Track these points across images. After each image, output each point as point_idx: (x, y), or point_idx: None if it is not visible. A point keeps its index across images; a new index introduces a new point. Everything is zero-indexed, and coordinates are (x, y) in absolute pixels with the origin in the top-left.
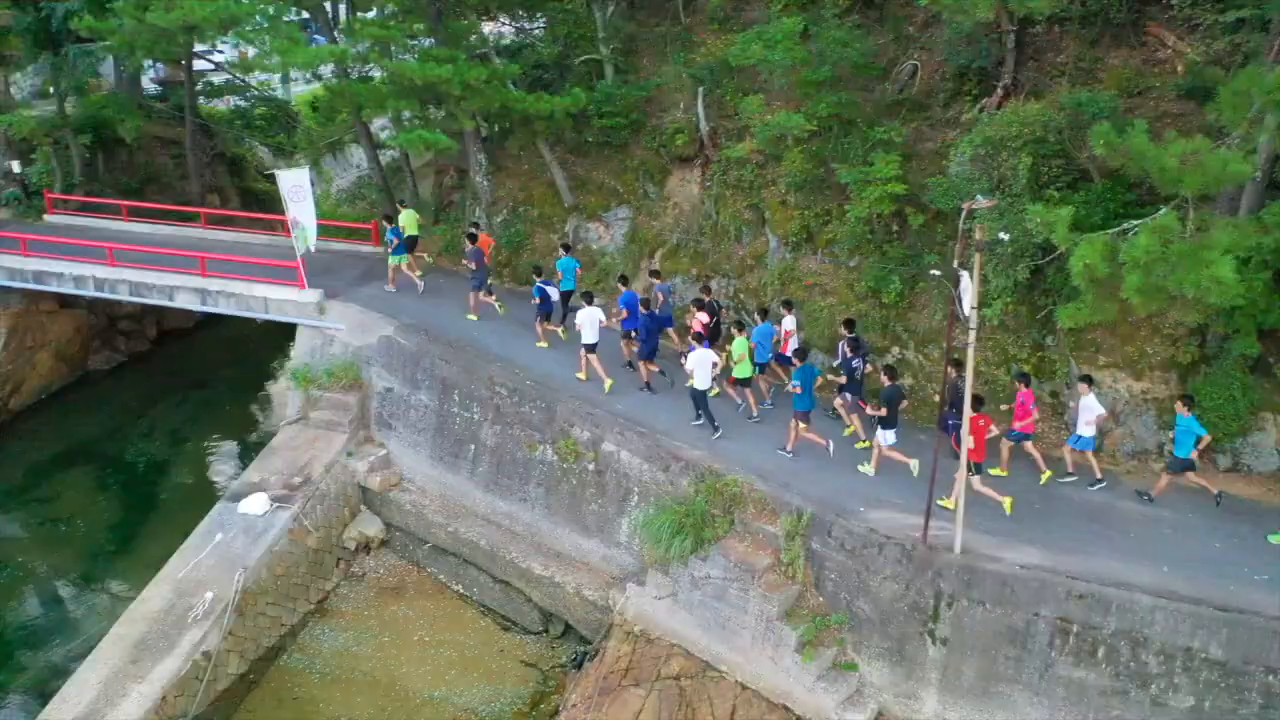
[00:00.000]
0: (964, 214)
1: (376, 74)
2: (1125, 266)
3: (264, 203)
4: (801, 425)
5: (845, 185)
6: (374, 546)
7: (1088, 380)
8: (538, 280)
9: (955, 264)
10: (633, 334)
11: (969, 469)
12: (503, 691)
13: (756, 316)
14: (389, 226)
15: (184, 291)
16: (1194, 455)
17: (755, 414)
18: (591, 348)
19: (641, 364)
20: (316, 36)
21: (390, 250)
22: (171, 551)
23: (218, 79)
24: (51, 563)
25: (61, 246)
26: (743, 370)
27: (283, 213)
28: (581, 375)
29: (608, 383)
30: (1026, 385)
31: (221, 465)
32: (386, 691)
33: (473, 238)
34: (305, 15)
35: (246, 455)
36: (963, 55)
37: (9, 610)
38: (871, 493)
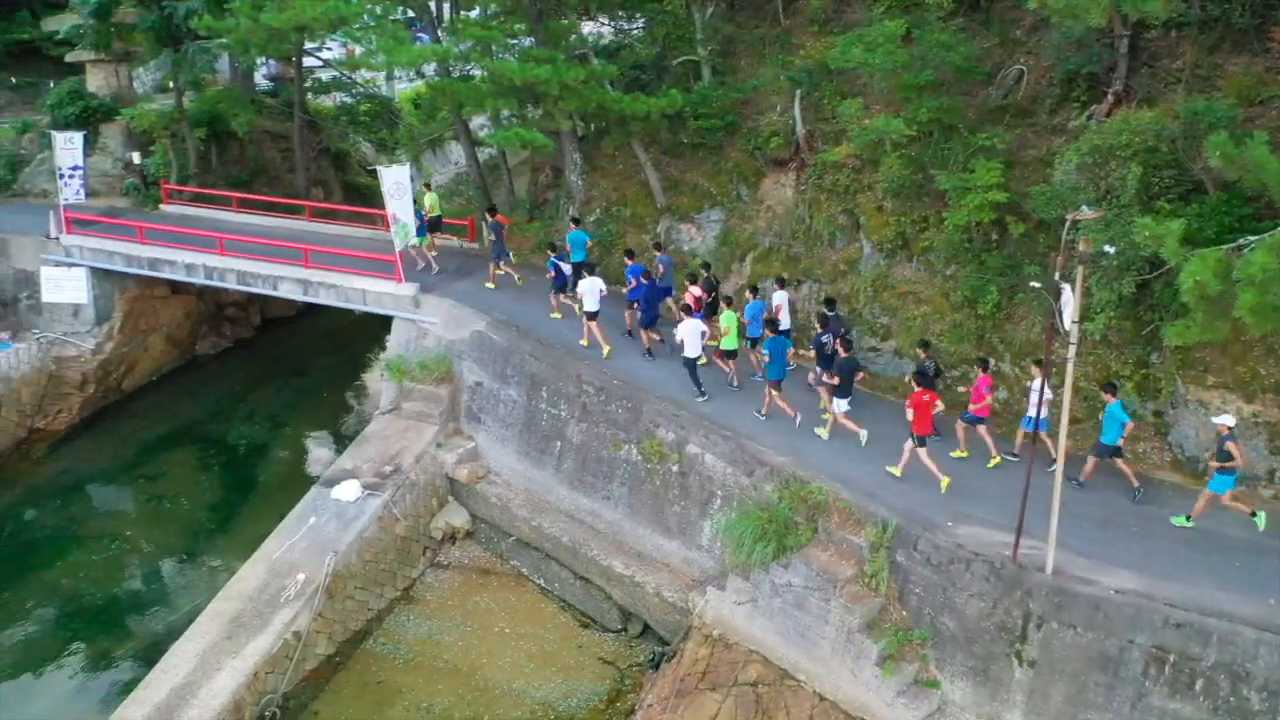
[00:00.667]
0: (1068, 225)
1: (477, 73)
2: (1239, 284)
3: (365, 196)
4: (774, 393)
5: (944, 192)
6: (459, 537)
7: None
8: (551, 255)
9: (1056, 276)
10: (635, 303)
11: (912, 440)
12: (580, 687)
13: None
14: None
15: (287, 282)
16: (1121, 442)
17: (736, 384)
18: (593, 315)
19: (642, 331)
20: (421, 35)
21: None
22: (267, 532)
23: (326, 75)
24: (156, 538)
25: (175, 235)
26: (729, 342)
27: (383, 207)
28: (584, 341)
29: (606, 349)
30: (985, 370)
31: (317, 451)
32: (466, 680)
33: (492, 211)
34: (410, 14)
35: (341, 442)
36: (1072, 60)
37: (118, 581)
38: (959, 508)
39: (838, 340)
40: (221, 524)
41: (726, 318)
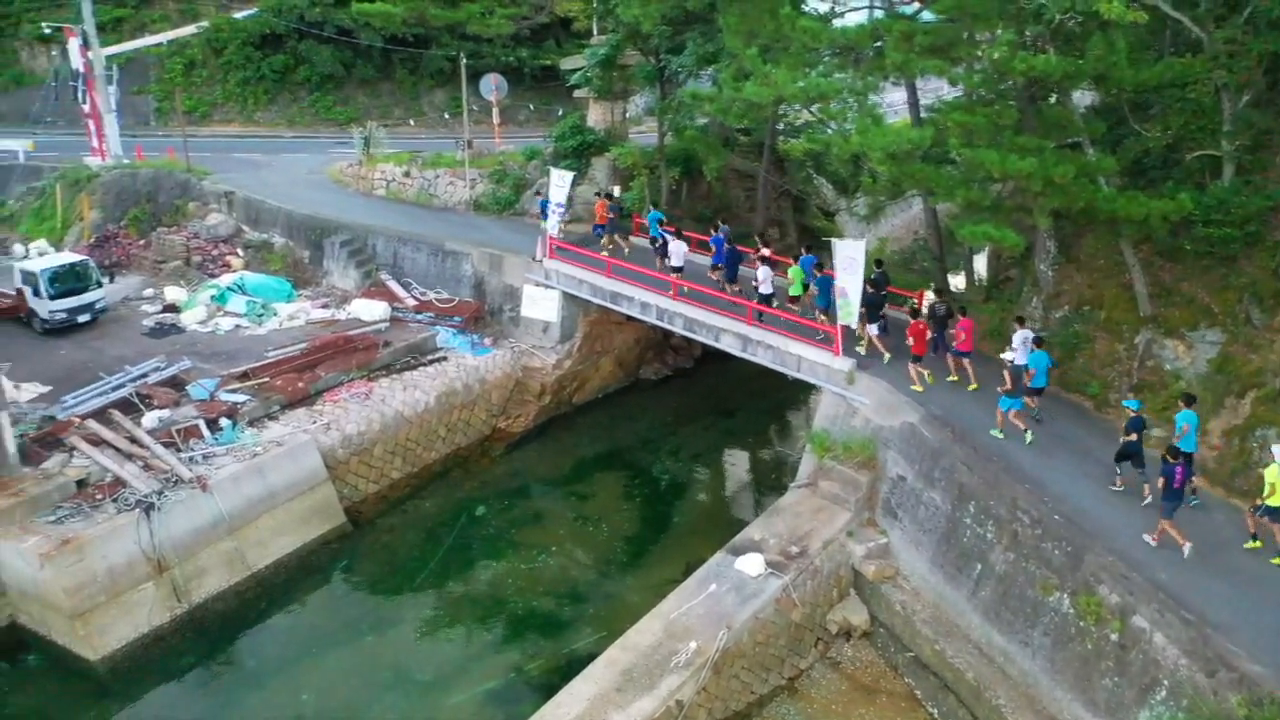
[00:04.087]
0: None
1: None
2: None
3: (819, 240)
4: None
5: None
6: (855, 636)
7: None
8: (714, 232)
9: None
10: (719, 266)
11: (911, 360)
12: None
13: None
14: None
15: (729, 335)
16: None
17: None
18: (679, 270)
19: (728, 285)
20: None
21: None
22: (672, 578)
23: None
24: (577, 559)
25: (635, 274)
26: (795, 289)
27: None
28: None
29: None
30: (964, 315)
31: (730, 505)
32: None
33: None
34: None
35: (754, 501)
36: None
37: (538, 595)
38: None
39: (868, 281)
40: (633, 558)
41: (793, 270)
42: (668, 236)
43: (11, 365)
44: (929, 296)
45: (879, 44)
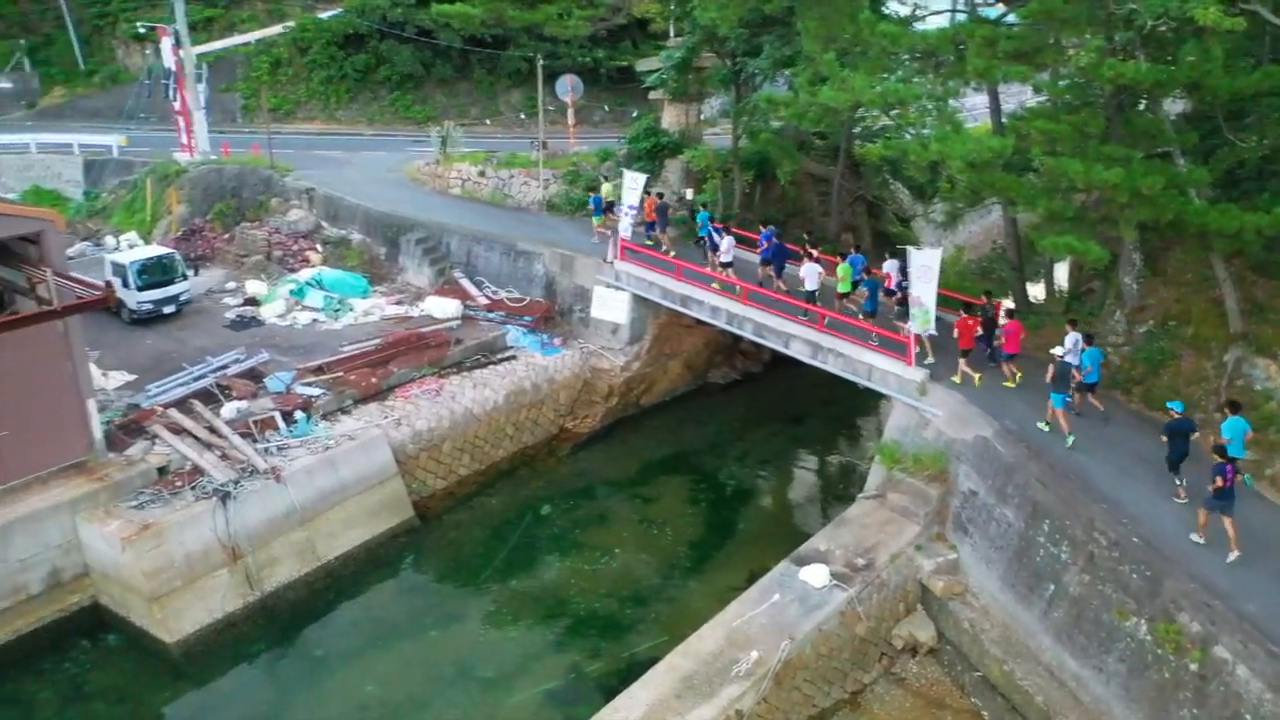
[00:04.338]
0: None
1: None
2: None
3: (894, 246)
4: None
5: None
6: (921, 652)
7: None
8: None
9: None
10: (768, 261)
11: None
12: None
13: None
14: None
15: (798, 342)
16: None
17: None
18: (729, 266)
19: (777, 280)
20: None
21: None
22: (734, 585)
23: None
24: (640, 561)
25: (707, 278)
26: (844, 286)
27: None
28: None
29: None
30: (1012, 318)
31: (795, 514)
32: None
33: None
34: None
35: (820, 511)
36: None
37: (601, 596)
38: None
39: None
40: (697, 564)
41: (842, 268)
42: (717, 234)
43: (100, 354)
44: (1007, 305)
45: (960, 49)
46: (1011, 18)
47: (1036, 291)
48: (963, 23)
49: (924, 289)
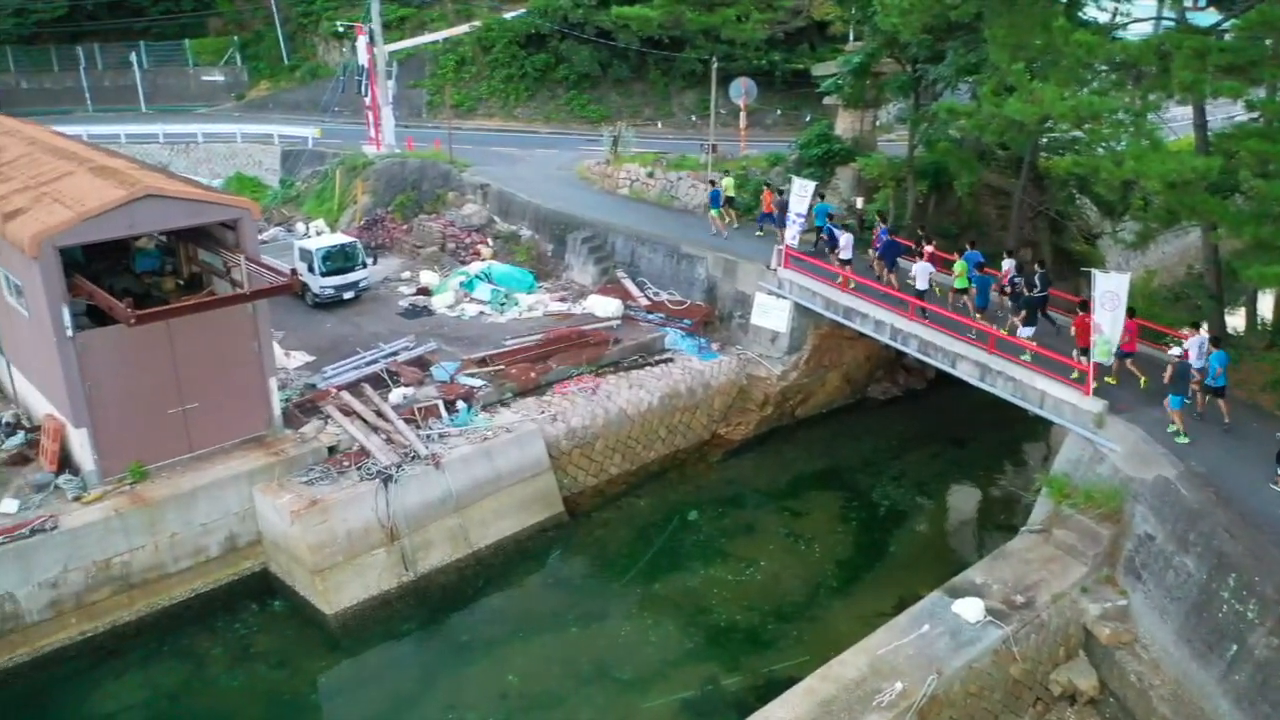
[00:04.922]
0: None
1: None
2: None
3: (1076, 266)
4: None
5: None
6: (1080, 701)
7: None
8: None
9: None
10: (881, 256)
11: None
12: None
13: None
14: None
15: (965, 362)
16: None
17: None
18: (848, 262)
19: (889, 274)
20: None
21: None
22: (882, 611)
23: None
24: (785, 576)
25: (872, 290)
26: (960, 282)
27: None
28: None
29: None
30: (1131, 316)
31: (951, 542)
32: None
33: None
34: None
35: (977, 541)
36: None
37: (743, 608)
38: None
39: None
40: (844, 584)
41: (958, 265)
42: (835, 230)
43: (284, 334)
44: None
45: (1165, 60)
46: (1226, 27)
47: (1236, 322)
48: (1169, 32)
49: (1106, 317)
